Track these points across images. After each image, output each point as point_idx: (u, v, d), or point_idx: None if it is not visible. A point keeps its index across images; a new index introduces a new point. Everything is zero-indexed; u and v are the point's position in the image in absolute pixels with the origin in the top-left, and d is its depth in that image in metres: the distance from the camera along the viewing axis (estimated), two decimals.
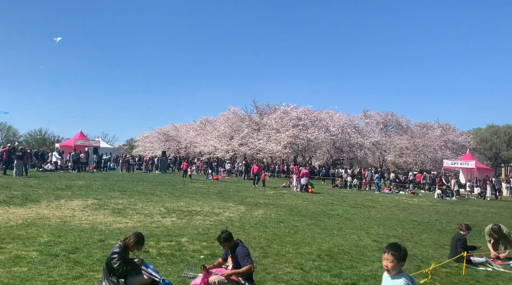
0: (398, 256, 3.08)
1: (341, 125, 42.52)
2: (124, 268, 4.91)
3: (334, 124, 42.45)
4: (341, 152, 44.32)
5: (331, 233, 10.09)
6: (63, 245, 7.09)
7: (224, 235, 5.54)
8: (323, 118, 43.09)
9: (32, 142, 78.94)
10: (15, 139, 78.78)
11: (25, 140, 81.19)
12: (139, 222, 9.93)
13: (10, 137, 79.74)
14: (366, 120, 50.20)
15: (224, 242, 5.57)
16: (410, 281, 3.06)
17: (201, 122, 57.18)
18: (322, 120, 42.46)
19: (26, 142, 77.93)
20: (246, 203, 15.56)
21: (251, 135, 40.87)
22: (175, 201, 14.65)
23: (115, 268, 4.90)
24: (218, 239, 5.61)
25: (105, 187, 18.36)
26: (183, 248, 7.57)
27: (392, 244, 3.24)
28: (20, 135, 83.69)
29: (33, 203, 11.96)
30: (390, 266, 3.10)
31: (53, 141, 75.42)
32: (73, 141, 39.87)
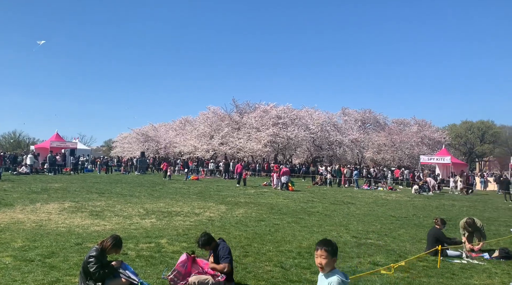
0: (331, 251, 3.01)
1: (320, 123, 42.92)
2: (101, 272, 4.83)
3: (313, 122, 42.80)
4: (320, 149, 44.74)
5: (311, 230, 10.17)
6: (38, 249, 6.92)
7: (203, 240, 5.52)
8: (302, 116, 43.39)
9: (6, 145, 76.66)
10: None
11: None
12: (118, 224, 9.78)
13: None
14: (344, 118, 50.82)
15: (204, 246, 5.56)
16: (343, 277, 2.99)
17: (180, 122, 56.71)
18: (302, 119, 42.75)
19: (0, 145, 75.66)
20: (226, 202, 15.52)
21: (231, 135, 40.81)
22: (155, 202, 14.49)
23: (91, 272, 4.82)
24: (197, 243, 5.58)
25: (83, 189, 18.01)
26: (163, 249, 7.50)
27: (323, 240, 3.17)
28: None
29: (7, 207, 11.64)
30: (324, 262, 3.01)
31: (28, 143, 73.41)
32: (49, 143, 38.92)
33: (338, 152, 44.05)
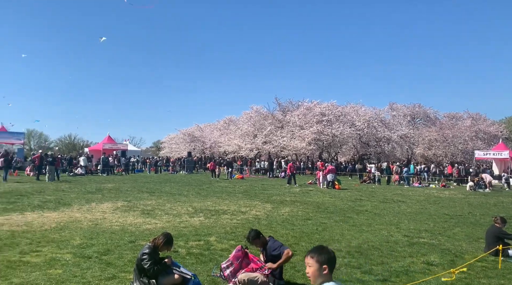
0: (320, 259, 2.47)
1: (367, 119, 41.83)
2: (154, 268, 4.97)
3: (359, 118, 41.81)
4: (367, 146, 43.64)
5: (360, 229, 9.94)
6: (95, 247, 7.25)
7: (253, 234, 5.54)
8: (347, 113, 42.53)
9: (62, 147, 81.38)
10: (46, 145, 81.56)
11: (55, 146, 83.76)
12: (168, 223, 10.06)
13: (41, 144, 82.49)
14: (392, 113, 49.26)
15: (254, 240, 5.57)
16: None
17: (224, 122, 57.54)
18: (347, 115, 41.91)
19: (56, 148, 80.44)
20: (272, 201, 15.53)
21: (274, 133, 40.78)
22: (202, 201, 14.77)
23: (145, 268, 4.97)
24: (247, 238, 5.60)
25: (134, 189, 18.71)
26: (212, 247, 7.61)
27: (315, 247, 2.64)
28: (51, 141, 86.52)
29: (66, 207, 12.31)
30: (310, 272, 2.50)
31: (82, 146, 77.54)
32: (102, 145, 40.88)
33: (387, 149, 42.76)
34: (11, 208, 11.64)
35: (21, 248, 6.97)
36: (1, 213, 10.78)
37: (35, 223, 9.42)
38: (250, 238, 5.55)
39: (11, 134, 36.19)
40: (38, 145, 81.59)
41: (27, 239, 7.69)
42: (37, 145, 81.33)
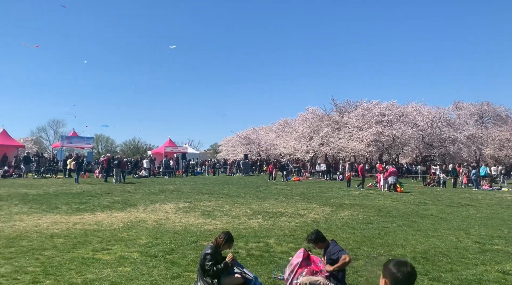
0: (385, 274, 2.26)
1: (430, 119, 39.77)
2: (215, 269, 5.06)
3: (422, 118, 39.86)
4: (431, 147, 41.49)
5: (425, 234, 9.47)
6: (160, 246, 7.55)
7: (315, 235, 5.47)
8: (409, 112, 40.74)
9: (127, 151, 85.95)
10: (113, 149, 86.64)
11: (121, 149, 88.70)
12: (227, 224, 10.24)
13: (108, 148, 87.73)
14: (458, 112, 46.47)
15: (315, 242, 5.49)
16: None
17: (279, 124, 57.64)
18: (409, 115, 40.15)
19: (122, 151, 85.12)
20: (330, 204, 15.27)
21: (331, 135, 40.09)
22: (260, 203, 14.87)
23: (207, 269, 5.07)
24: (309, 239, 5.54)
25: (194, 191, 19.29)
26: (271, 249, 7.63)
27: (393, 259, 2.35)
28: (117, 145, 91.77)
29: (132, 207, 12.96)
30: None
31: (145, 149, 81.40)
32: (164, 149, 42.67)
33: (452, 150, 40.36)
34: (83, 208, 12.47)
35: (93, 246, 7.44)
36: (74, 212, 11.60)
37: (104, 223, 10.02)
38: (313, 238, 5.48)
39: (81, 139, 38.82)
40: (105, 148, 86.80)
41: (98, 238, 8.19)
42: (104, 148, 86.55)
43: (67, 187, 19.85)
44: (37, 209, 11.97)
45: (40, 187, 19.38)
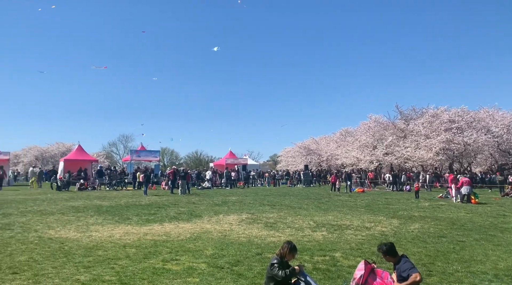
0: None
1: (506, 124, 36.77)
2: (284, 274, 5.00)
3: (496, 124, 36.99)
4: (508, 155, 38.31)
5: (507, 250, 8.68)
6: (226, 257, 7.63)
7: (387, 247, 5.23)
8: (482, 118, 38.00)
9: (190, 163, 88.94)
10: (177, 161, 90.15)
11: (184, 162, 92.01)
12: (291, 236, 10.12)
13: (173, 160, 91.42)
14: None
15: (385, 254, 5.24)
16: None
17: (340, 133, 56.41)
18: (481, 121, 37.45)
19: (185, 163, 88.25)
20: (398, 216, 14.57)
21: (396, 144, 38.45)
22: (323, 215, 14.57)
23: (277, 276, 5.00)
24: (380, 248, 5.30)
25: (256, 202, 19.40)
26: (338, 263, 7.40)
27: None
28: (181, 157, 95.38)
29: (197, 218, 13.30)
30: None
31: (207, 161, 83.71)
32: (225, 160, 43.57)
33: None
34: (152, 219, 13.01)
35: (163, 256, 7.69)
36: (144, 223, 12.13)
37: (172, 233, 10.35)
38: (384, 249, 5.23)
39: (149, 152, 40.81)
40: (170, 161, 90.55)
41: (167, 248, 8.46)
42: (169, 161, 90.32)
43: (136, 199, 20.88)
44: (111, 220, 12.68)
45: (113, 199, 20.57)
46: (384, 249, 5.26)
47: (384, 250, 5.26)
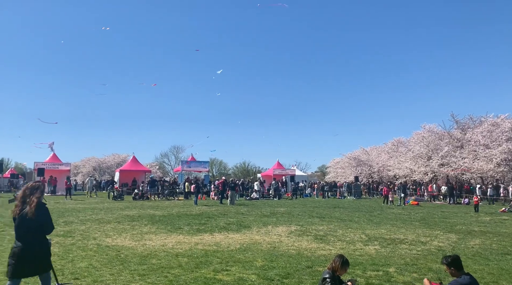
0: None
1: None
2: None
3: None
4: None
5: None
6: (276, 270, 7.59)
7: (452, 258, 4.98)
8: None
9: (238, 173, 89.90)
10: (226, 172, 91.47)
11: (232, 172, 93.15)
12: (342, 249, 9.89)
13: (222, 171, 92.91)
14: None
15: (449, 265, 4.98)
16: None
17: (392, 144, 54.59)
18: None
19: (233, 174, 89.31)
20: (456, 230, 13.81)
21: (452, 154, 36.58)
22: (375, 228, 14.12)
23: None
24: (445, 259, 5.06)
25: (305, 214, 19.19)
26: (392, 278, 7.12)
27: None
28: (229, 168, 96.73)
29: (246, 229, 13.37)
30: None
31: (254, 171, 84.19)
32: (272, 171, 43.60)
33: None
34: (203, 229, 13.25)
35: (214, 266, 7.79)
36: (195, 233, 12.38)
37: (222, 243, 10.48)
38: (449, 261, 4.99)
39: (199, 163, 41.77)
40: (219, 171, 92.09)
41: (218, 258, 8.57)
42: (218, 171, 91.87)
43: (187, 208, 21.39)
44: (163, 229, 13.07)
45: (165, 208, 21.22)
46: (449, 260, 5.01)
47: (448, 262, 5.01)
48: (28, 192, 4.85)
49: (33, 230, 4.75)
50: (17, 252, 4.71)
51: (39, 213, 4.74)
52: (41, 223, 4.79)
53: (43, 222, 4.80)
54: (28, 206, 4.74)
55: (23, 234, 4.76)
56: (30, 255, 4.72)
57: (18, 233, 4.79)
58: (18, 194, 5.04)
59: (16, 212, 4.80)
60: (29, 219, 4.69)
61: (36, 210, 4.72)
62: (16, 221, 4.80)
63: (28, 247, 4.71)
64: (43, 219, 4.79)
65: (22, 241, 4.74)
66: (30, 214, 4.69)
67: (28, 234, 4.75)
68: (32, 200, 4.76)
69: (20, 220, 4.74)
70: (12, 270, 4.71)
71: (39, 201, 4.81)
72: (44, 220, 4.81)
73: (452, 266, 4.98)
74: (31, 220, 4.70)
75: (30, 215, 4.69)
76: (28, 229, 4.73)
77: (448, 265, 5.01)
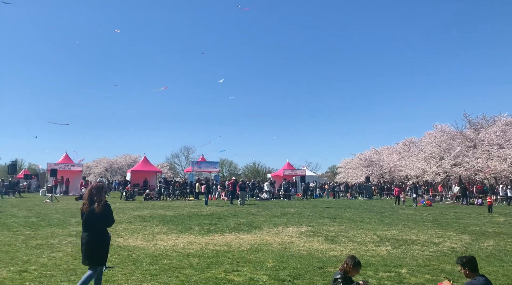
0: None
1: None
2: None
3: None
4: None
5: None
6: (287, 270, 7.58)
7: (467, 259, 4.92)
8: None
9: (248, 174, 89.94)
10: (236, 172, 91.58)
11: (243, 172, 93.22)
12: (353, 250, 9.83)
13: (232, 171, 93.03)
14: None
15: (464, 266, 4.92)
16: None
17: (404, 144, 54.12)
18: None
19: (243, 174, 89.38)
20: (470, 231, 13.63)
21: (465, 154, 36.15)
22: (387, 229, 14.01)
23: None
24: (460, 259, 5.00)
25: (315, 214, 19.12)
26: (405, 280, 7.05)
27: None
28: (239, 168, 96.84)
29: (257, 230, 13.37)
30: None
31: (265, 172, 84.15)
32: (282, 172, 43.51)
33: None
34: (213, 229, 13.29)
35: (225, 267, 7.81)
36: (206, 233, 12.41)
37: (233, 244, 10.49)
38: (464, 261, 4.91)
39: (209, 163, 41.91)
40: (229, 172, 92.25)
41: (229, 259, 8.58)
42: (228, 172, 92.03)
43: (198, 209, 21.46)
44: (174, 229, 13.13)
45: (176, 209, 21.32)
46: (464, 260, 4.94)
47: (463, 262, 4.94)
48: (94, 192, 5.78)
49: (99, 223, 5.71)
50: (84, 241, 5.70)
51: (104, 209, 5.70)
52: (105, 217, 5.75)
53: (107, 217, 5.77)
54: (96, 203, 5.68)
55: (90, 226, 5.71)
56: (94, 243, 5.66)
57: (86, 225, 5.74)
58: (85, 193, 6.00)
59: (85, 208, 5.74)
60: (96, 214, 5.65)
61: (102, 207, 5.67)
62: (85, 215, 5.74)
63: (93, 236, 5.67)
64: (107, 214, 5.76)
65: (88, 231, 5.70)
66: (98, 210, 5.64)
67: (94, 226, 5.70)
68: (99, 198, 5.72)
69: (89, 215, 5.69)
70: (83, 258, 5.78)
71: (104, 200, 5.81)
72: (107, 215, 5.77)
73: (466, 266, 4.91)
74: (98, 215, 5.65)
75: (98, 210, 5.64)
76: (95, 222, 5.69)
77: (462, 265, 4.94)
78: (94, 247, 5.65)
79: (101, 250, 5.76)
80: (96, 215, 5.65)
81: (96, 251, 5.67)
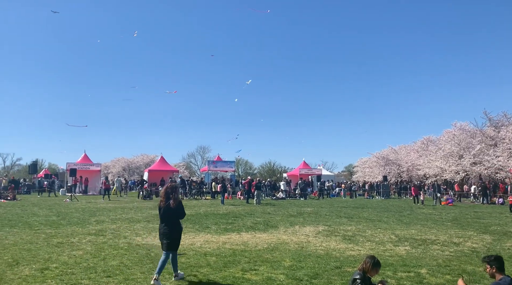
0: None
1: None
2: None
3: None
4: None
5: None
6: (304, 270, 7.54)
7: (495, 257, 4.80)
8: None
9: (264, 173, 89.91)
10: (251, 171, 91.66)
11: (258, 172, 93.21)
12: (372, 250, 9.73)
13: (248, 170, 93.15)
14: None
15: (490, 264, 4.80)
16: None
17: (422, 142, 53.28)
18: None
19: (259, 173, 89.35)
20: (491, 231, 13.34)
21: (486, 152, 35.39)
22: (405, 229, 13.82)
23: None
24: (487, 257, 4.89)
25: (332, 214, 18.99)
26: (424, 280, 6.94)
27: None
28: (254, 167, 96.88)
29: (273, 229, 13.35)
30: None
31: (280, 171, 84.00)
32: (298, 171, 43.39)
33: None
34: (230, 228, 13.32)
35: (242, 266, 7.82)
36: (223, 232, 12.46)
37: (250, 243, 10.50)
38: (491, 259, 4.80)
39: (225, 163, 42.04)
40: (245, 171, 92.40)
41: (246, 258, 8.59)
42: (244, 171, 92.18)
43: (214, 208, 21.56)
44: (192, 228, 13.21)
45: (192, 208, 21.46)
46: (491, 258, 4.83)
47: (490, 260, 4.82)
48: (169, 190, 6.90)
49: (173, 216, 6.84)
50: (161, 231, 6.88)
51: (178, 205, 6.81)
52: (179, 211, 6.84)
53: (180, 211, 6.85)
54: (171, 200, 6.78)
55: (167, 218, 6.84)
56: (170, 232, 6.78)
57: (164, 218, 6.88)
58: (161, 191, 7.19)
59: (162, 204, 6.87)
60: (172, 209, 6.77)
61: (176, 202, 6.79)
62: (162, 210, 6.87)
63: (170, 227, 6.80)
64: (180, 209, 6.85)
65: (165, 222, 6.84)
66: (173, 205, 6.76)
67: (170, 218, 6.84)
68: (174, 196, 6.84)
69: (166, 209, 6.82)
70: (162, 245, 6.90)
71: (178, 197, 6.98)
72: (180, 209, 6.86)
73: (494, 264, 4.79)
74: (173, 210, 6.77)
75: (173, 206, 6.76)
76: (171, 215, 6.83)
77: (489, 263, 4.82)
78: (170, 235, 6.73)
79: (175, 237, 6.80)
80: (171, 209, 6.76)
81: (170, 238, 6.72)
